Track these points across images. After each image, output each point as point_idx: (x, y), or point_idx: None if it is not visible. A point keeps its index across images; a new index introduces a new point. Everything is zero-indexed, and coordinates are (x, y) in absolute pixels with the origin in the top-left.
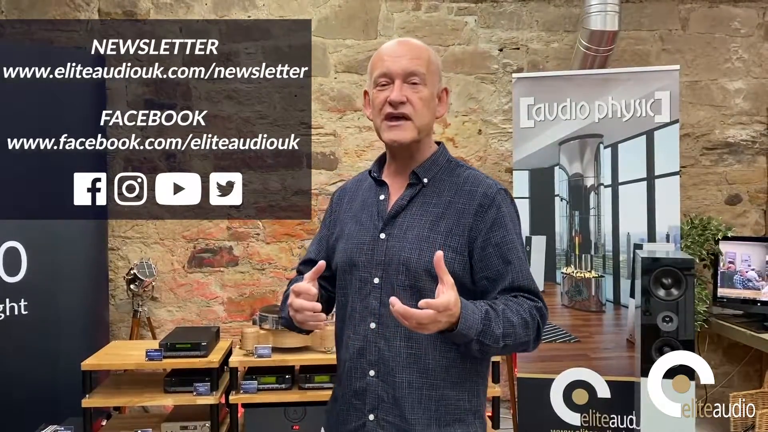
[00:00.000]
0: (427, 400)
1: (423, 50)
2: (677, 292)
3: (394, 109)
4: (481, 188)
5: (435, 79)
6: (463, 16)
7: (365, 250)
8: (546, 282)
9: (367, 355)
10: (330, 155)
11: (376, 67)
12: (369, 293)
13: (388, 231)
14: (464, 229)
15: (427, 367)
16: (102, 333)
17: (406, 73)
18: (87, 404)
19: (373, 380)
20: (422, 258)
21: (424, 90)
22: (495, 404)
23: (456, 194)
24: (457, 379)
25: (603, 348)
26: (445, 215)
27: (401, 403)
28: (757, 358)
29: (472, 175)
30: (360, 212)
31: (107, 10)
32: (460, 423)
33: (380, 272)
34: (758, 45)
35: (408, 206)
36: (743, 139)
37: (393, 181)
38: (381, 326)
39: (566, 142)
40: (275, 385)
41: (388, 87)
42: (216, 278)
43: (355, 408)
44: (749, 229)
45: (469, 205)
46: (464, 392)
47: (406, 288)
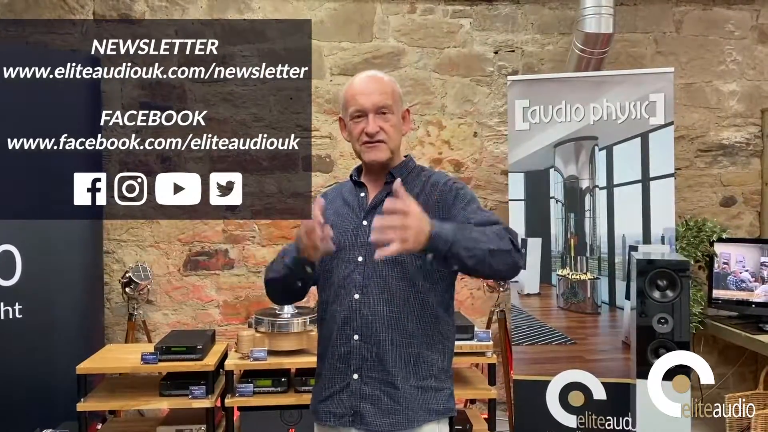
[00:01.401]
0: (406, 356)
1: (388, 84)
2: (672, 293)
3: (370, 138)
4: (442, 181)
5: (399, 105)
6: (458, 19)
7: (350, 235)
8: (542, 284)
9: (351, 323)
10: (326, 158)
11: (350, 103)
12: (353, 270)
13: (370, 218)
14: (431, 215)
15: (407, 328)
16: (97, 336)
17: (377, 107)
18: (82, 408)
19: (357, 343)
20: None
21: (393, 117)
22: (491, 406)
23: (422, 189)
24: (431, 340)
25: (599, 350)
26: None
27: (384, 358)
28: (752, 359)
29: (435, 176)
30: (342, 208)
31: (102, 12)
32: (435, 378)
33: (364, 252)
34: (752, 47)
35: (386, 199)
36: (738, 141)
37: (371, 184)
38: (364, 296)
39: (561, 144)
40: (271, 388)
41: (362, 119)
42: (212, 281)
43: (339, 371)
44: (744, 231)
45: (432, 195)
46: (437, 353)
47: (387, 262)
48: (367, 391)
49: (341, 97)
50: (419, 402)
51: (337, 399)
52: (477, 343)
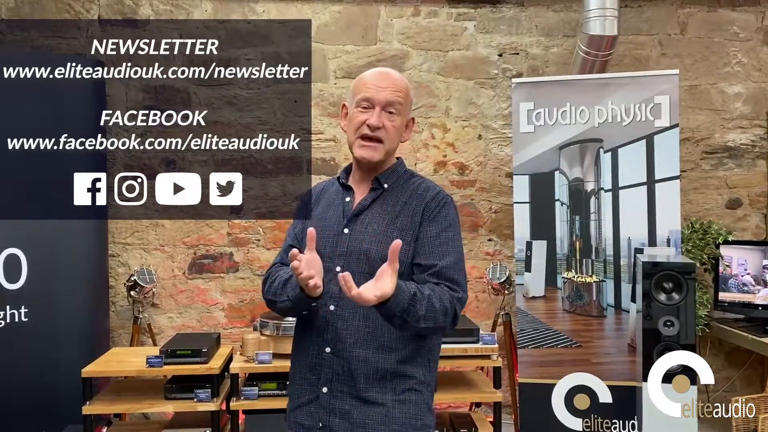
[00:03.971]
0: (381, 373)
1: (403, 85)
2: (678, 296)
3: (370, 131)
4: (431, 193)
5: (407, 110)
6: (462, 22)
7: (330, 243)
8: (547, 287)
9: (324, 335)
10: (330, 161)
11: (360, 90)
12: (331, 280)
13: (351, 227)
14: (415, 226)
15: (383, 344)
16: (102, 340)
17: (387, 103)
18: (87, 411)
19: (328, 356)
20: (380, 249)
21: (398, 119)
22: (496, 410)
23: (410, 197)
24: (410, 354)
25: (604, 353)
26: (401, 214)
27: (355, 375)
28: (758, 362)
29: (425, 184)
30: (326, 210)
31: (107, 17)
32: (413, 392)
33: (342, 261)
34: (757, 49)
35: (370, 206)
36: (743, 143)
37: (358, 187)
38: (339, 308)
39: (566, 146)
40: (276, 391)
41: (368, 111)
42: (216, 284)
43: (309, 382)
44: (750, 233)
45: (420, 206)
46: (417, 366)
47: (365, 275)
48: (337, 405)
49: (352, 85)
50: (393, 417)
51: (306, 410)
52: (482, 347)
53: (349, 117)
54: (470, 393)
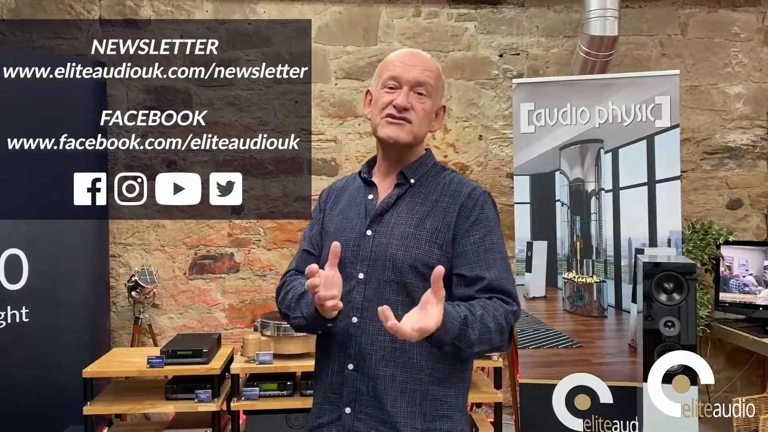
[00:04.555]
0: (411, 394)
1: (434, 66)
2: (679, 296)
3: (396, 112)
4: (467, 189)
5: (438, 95)
6: (462, 23)
7: (351, 246)
8: (547, 287)
9: (346, 349)
10: (331, 161)
11: (387, 69)
12: (353, 288)
13: (375, 228)
14: (449, 227)
15: (411, 362)
16: (103, 340)
17: (416, 82)
18: (88, 411)
19: (351, 374)
20: (408, 254)
21: (428, 101)
22: (497, 410)
23: (442, 194)
24: (443, 375)
25: (605, 353)
26: (431, 213)
27: (381, 397)
28: (759, 362)
29: (458, 178)
30: (347, 210)
31: (108, 17)
32: (447, 419)
33: (365, 268)
34: (758, 49)
35: (395, 204)
36: (744, 143)
37: (381, 182)
38: (363, 320)
39: (567, 147)
40: (277, 391)
41: (395, 91)
42: (217, 285)
43: (329, 401)
44: (751, 234)
45: (454, 204)
46: (450, 388)
47: (391, 283)
48: (361, 429)
49: (378, 67)
50: None
51: (326, 431)
52: None
53: (374, 100)
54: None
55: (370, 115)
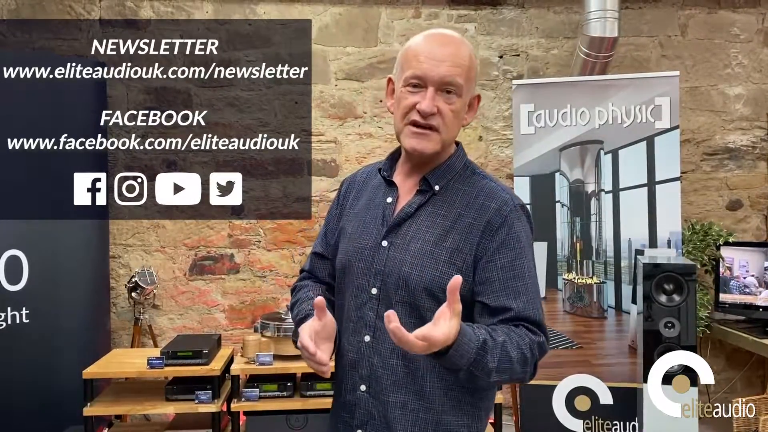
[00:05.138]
0: (423, 424)
1: (465, 56)
2: (679, 297)
3: (421, 119)
4: (495, 204)
5: (471, 87)
6: (462, 24)
7: (365, 256)
8: (548, 288)
9: (359, 369)
10: (331, 162)
11: (410, 64)
12: (365, 303)
13: (391, 239)
14: (471, 247)
15: (423, 389)
16: (103, 341)
17: (443, 82)
18: (88, 412)
19: (363, 395)
20: (423, 275)
21: (458, 102)
22: (497, 411)
23: (467, 207)
24: (457, 402)
25: (605, 354)
26: (452, 229)
27: (392, 425)
28: (759, 363)
29: (488, 187)
30: (365, 212)
31: (108, 18)
32: None
33: (379, 283)
34: (758, 50)
35: (415, 215)
36: (744, 144)
37: (404, 183)
38: (375, 340)
39: (567, 148)
40: (277, 392)
41: (419, 91)
42: (217, 286)
43: (343, 421)
44: (750, 235)
45: (479, 221)
46: (464, 416)
47: (404, 304)
48: None
49: (400, 54)
50: None
51: None
52: None
53: (396, 97)
54: None
55: (392, 109)
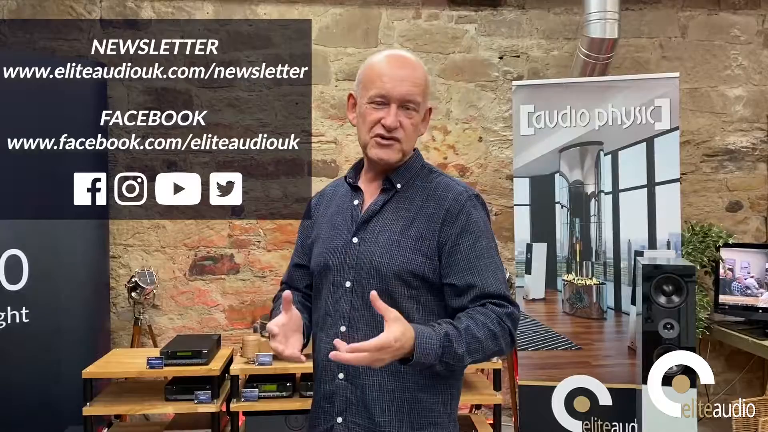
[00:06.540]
0: (399, 402)
1: (421, 74)
2: (678, 299)
3: (386, 132)
4: (452, 194)
5: (426, 102)
6: (463, 25)
7: (338, 253)
8: (547, 289)
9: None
10: (331, 163)
11: (374, 84)
12: (341, 297)
13: (361, 235)
14: (434, 234)
15: (399, 370)
16: (103, 341)
17: (404, 99)
18: (88, 412)
19: (342, 383)
20: (393, 262)
21: (416, 116)
22: (496, 412)
23: (427, 199)
24: (431, 382)
25: (604, 355)
26: (415, 220)
27: (370, 406)
28: (759, 365)
29: (444, 182)
30: (335, 216)
31: (108, 18)
32: (435, 426)
33: (352, 276)
34: (758, 52)
35: (380, 211)
36: (743, 146)
37: (368, 187)
38: (351, 329)
39: (566, 149)
40: (276, 393)
41: (382, 108)
42: (217, 286)
43: (324, 411)
44: (750, 236)
45: (439, 211)
46: (438, 395)
47: (377, 292)
48: None
49: (361, 72)
50: None
51: None
52: None
53: (360, 113)
54: (470, 395)
55: (355, 123)
